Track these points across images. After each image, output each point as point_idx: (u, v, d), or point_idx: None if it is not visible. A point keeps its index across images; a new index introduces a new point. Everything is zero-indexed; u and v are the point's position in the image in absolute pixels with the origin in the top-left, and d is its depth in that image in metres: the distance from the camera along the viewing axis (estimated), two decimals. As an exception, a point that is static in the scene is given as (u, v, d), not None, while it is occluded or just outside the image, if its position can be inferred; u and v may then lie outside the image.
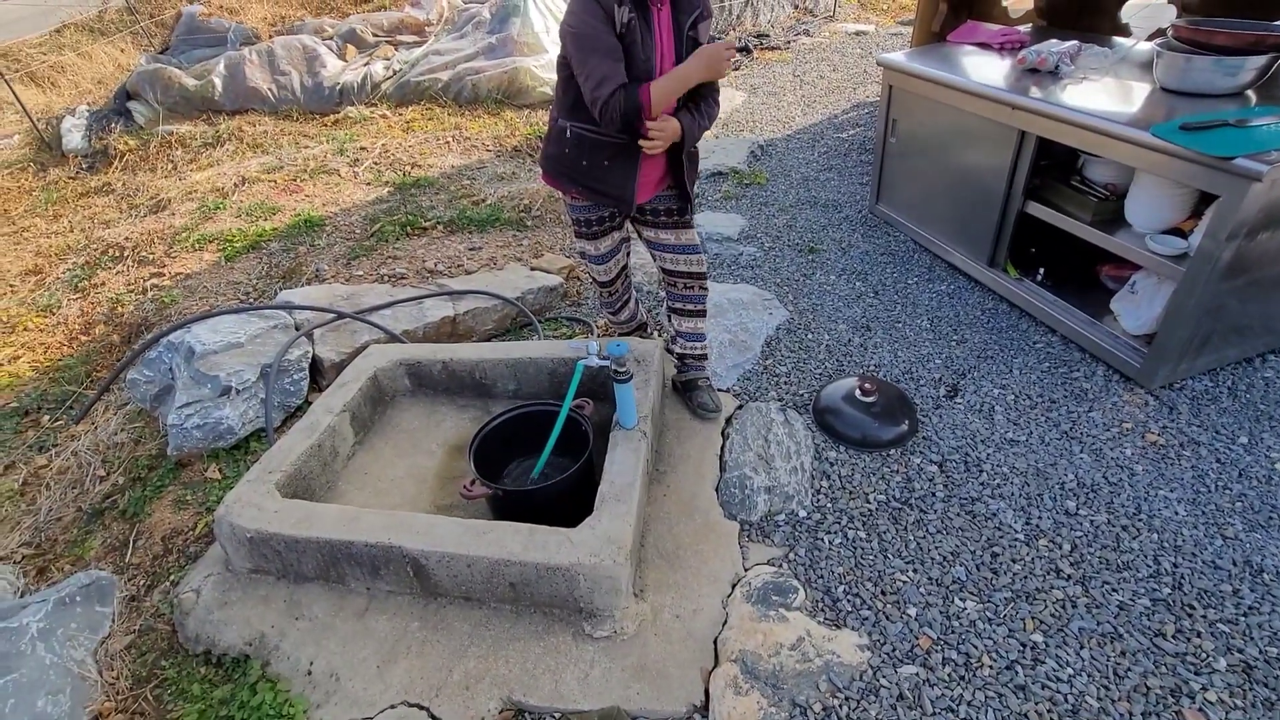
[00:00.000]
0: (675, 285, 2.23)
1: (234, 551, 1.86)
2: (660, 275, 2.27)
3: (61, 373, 3.07)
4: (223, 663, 1.76)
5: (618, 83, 1.68)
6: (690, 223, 2.14)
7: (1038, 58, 2.72)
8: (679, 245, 2.15)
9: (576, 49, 1.69)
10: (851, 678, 1.59)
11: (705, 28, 1.81)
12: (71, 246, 4.14)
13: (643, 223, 2.15)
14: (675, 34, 1.78)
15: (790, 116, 5.32)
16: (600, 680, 1.61)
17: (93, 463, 2.50)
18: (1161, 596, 1.72)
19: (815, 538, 1.95)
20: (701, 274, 2.21)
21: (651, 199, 2.06)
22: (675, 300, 2.26)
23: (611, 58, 1.67)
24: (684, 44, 1.79)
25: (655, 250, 2.20)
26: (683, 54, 1.79)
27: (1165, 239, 2.25)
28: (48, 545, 2.22)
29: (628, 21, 1.66)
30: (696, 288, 2.23)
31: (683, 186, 2.00)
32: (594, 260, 2.22)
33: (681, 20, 1.77)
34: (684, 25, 1.77)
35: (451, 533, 1.73)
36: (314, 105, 5.56)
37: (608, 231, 2.14)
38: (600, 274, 2.27)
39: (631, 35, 1.68)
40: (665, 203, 2.08)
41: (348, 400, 2.26)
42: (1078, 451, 2.16)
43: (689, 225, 2.14)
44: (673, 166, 1.99)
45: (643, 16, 1.70)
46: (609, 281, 2.31)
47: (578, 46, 1.69)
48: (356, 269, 3.44)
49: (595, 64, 1.67)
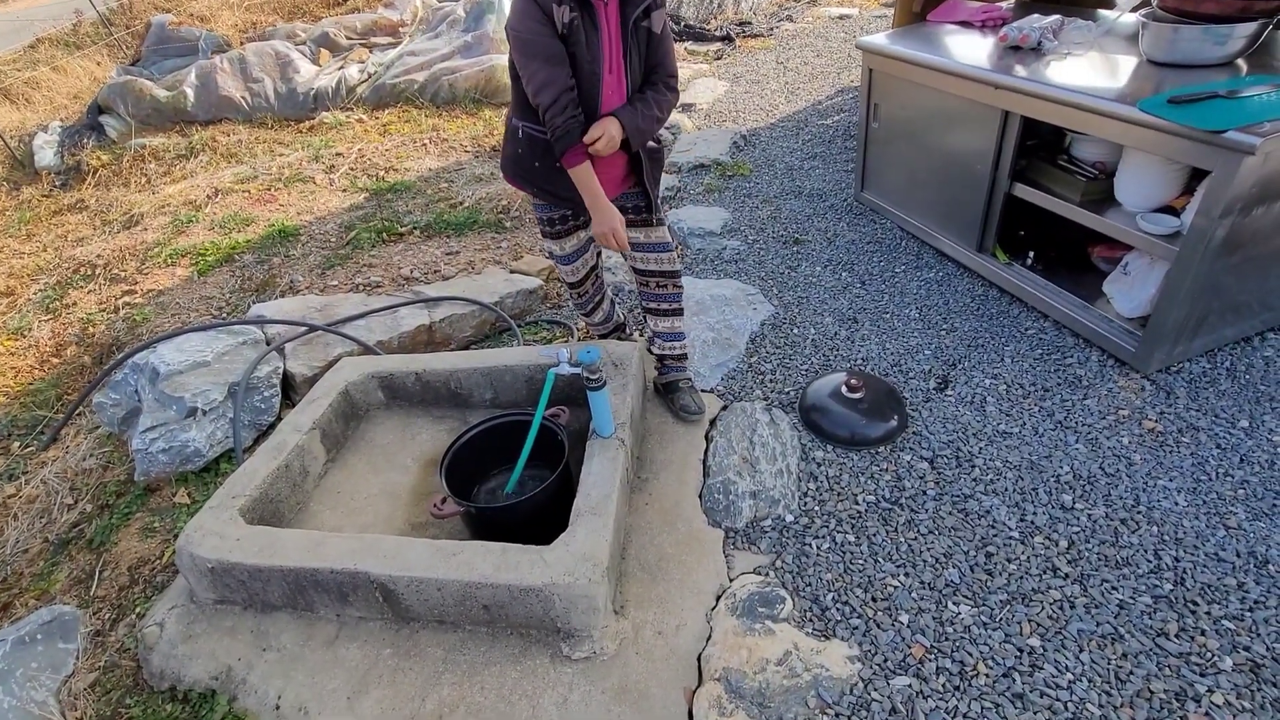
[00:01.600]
0: (647, 284, 2.15)
1: (196, 582, 1.78)
2: (632, 275, 2.19)
3: (31, 397, 2.99)
4: (189, 698, 1.69)
5: (559, 88, 1.63)
6: (658, 220, 2.05)
7: (1020, 34, 2.63)
8: (647, 244, 2.07)
9: (519, 52, 1.64)
10: (841, 692, 1.52)
11: (659, 17, 1.70)
12: (43, 266, 4.06)
13: None
14: (622, 28, 1.68)
15: (774, 105, 5.22)
16: (580, 704, 1.54)
17: (61, 490, 2.43)
18: (1163, 593, 1.64)
19: (803, 543, 1.88)
20: (674, 272, 2.13)
21: (617, 197, 1.97)
22: (649, 300, 2.19)
23: (552, 63, 1.61)
24: (632, 38, 1.69)
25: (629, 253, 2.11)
26: (631, 50, 1.69)
27: (1157, 218, 2.17)
28: (13, 579, 2.15)
29: (569, 22, 1.59)
30: (670, 286, 2.15)
31: (644, 185, 1.92)
32: (560, 260, 2.15)
33: (628, 13, 1.66)
34: (630, 18, 1.67)
35: (421, 556, 1.65)
36: (288, 112, 5.46)
37: (572, 231, 2.06)
38: (568, 274, 2.19)
39: (575, 36, 1.61)
40: (630, 200, 2.00)
41: (317, 417, 2.18)
42: (1073, 442, 2.08)
43: (657, 223, 2.05)
44: (632, 164, 1.91)
45: (587, 15, 1.62)
46: (577, 282, 2.24)
47: (520, 50, 1.63)
48: (331, 279, 3.36)
49: (536, 68, 1.61)
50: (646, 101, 1.77)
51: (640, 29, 1.69)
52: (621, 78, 1.73)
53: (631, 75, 1.75)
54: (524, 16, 1.58)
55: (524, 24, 1.59)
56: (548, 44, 1.59)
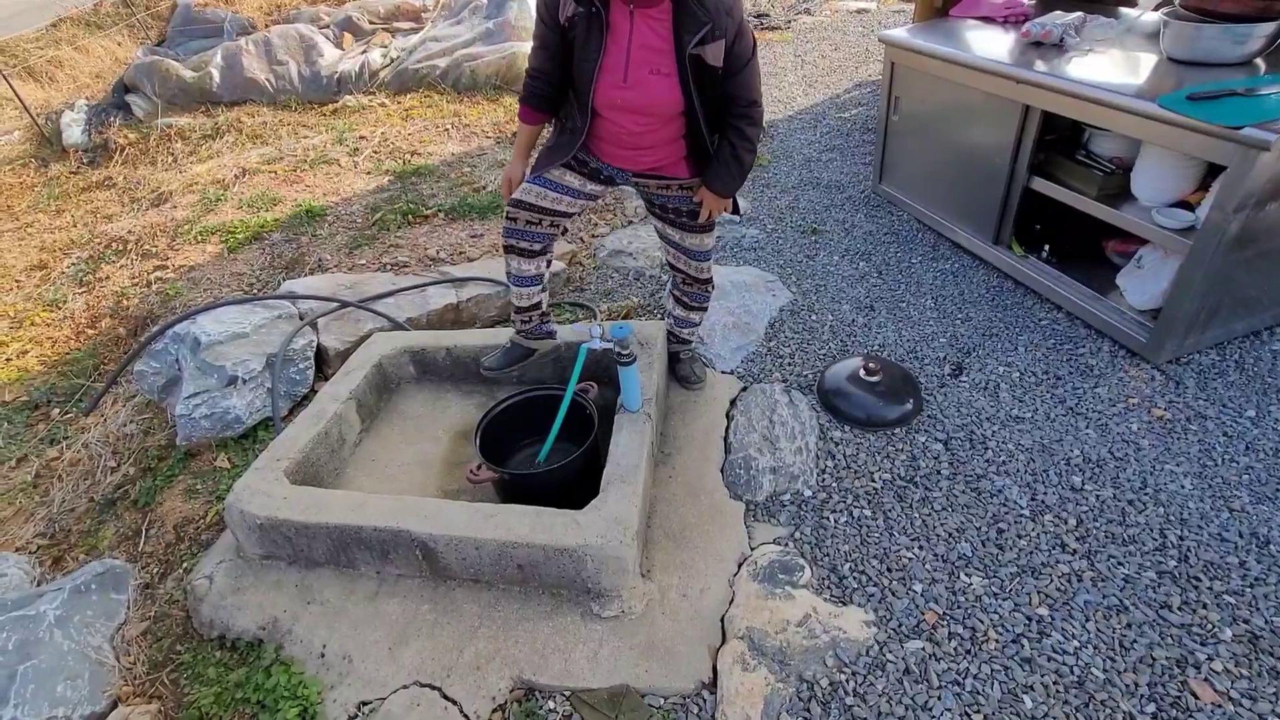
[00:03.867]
0: (676, 278, 2.21)
1: (245, 538, 1.88)
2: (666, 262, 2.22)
3: (69, 366, 3.09)
4: (237, 647, 1.78)
5: (536, 64, 1.74)
6: (701, 228, 1.99)
7: (1042, 30, 2.68)
8: (682, 246, 2.06)
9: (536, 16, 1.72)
10: (858, 653, 1.61)
11: (716, 50, 1.55)
12: (75, 241, 4.16)
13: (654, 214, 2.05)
14: (676, 52, 1.57)
15: (791, 97, 5.27)
16: (609, 659, 1.62)
17: (103, 454, 2.52)
18: (1167, 569, 1.72)
19: (821, 517, 1.96)
20: (703, 280, 2.15)
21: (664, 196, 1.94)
22: (676, 288, 2.24)
23: (541, 43, 1.71)
24: (686, 64, 1.56)
25: (663, 240, 2.12)
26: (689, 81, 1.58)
27: (1172, 212, 2.23)
28: (61, 535, 2.25)
29: (571, 16, 1.58)
30: (695, 288, 2.18)
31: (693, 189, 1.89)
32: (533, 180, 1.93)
33: (684, 39, 1.54)
34: (686, 45, 1.54)
35: (459, 516, 1.74)
36: (312, 95, 5.53)
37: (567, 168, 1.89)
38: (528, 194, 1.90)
39: (574, 31, 1.60)
40: (676, 202, 1.95)
41: (354, 388, 2.27)
42: (1083, 427, 2.15)
43: (699, 230, 1.99)
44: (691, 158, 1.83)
45: (595, 17, 1.55)
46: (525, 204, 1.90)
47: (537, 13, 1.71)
48: (359, 258, 3.44)
49: (534, 47, 1.75)
50: (725, 160, 1.73)
51: (691, 58, 1.56)
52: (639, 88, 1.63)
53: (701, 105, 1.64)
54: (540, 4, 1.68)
55: (539, 3, 1.68)
56: (542, 31, 1.69)
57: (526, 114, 1.86)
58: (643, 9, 1.56)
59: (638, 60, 1.60)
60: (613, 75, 1.63)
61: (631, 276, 3.20)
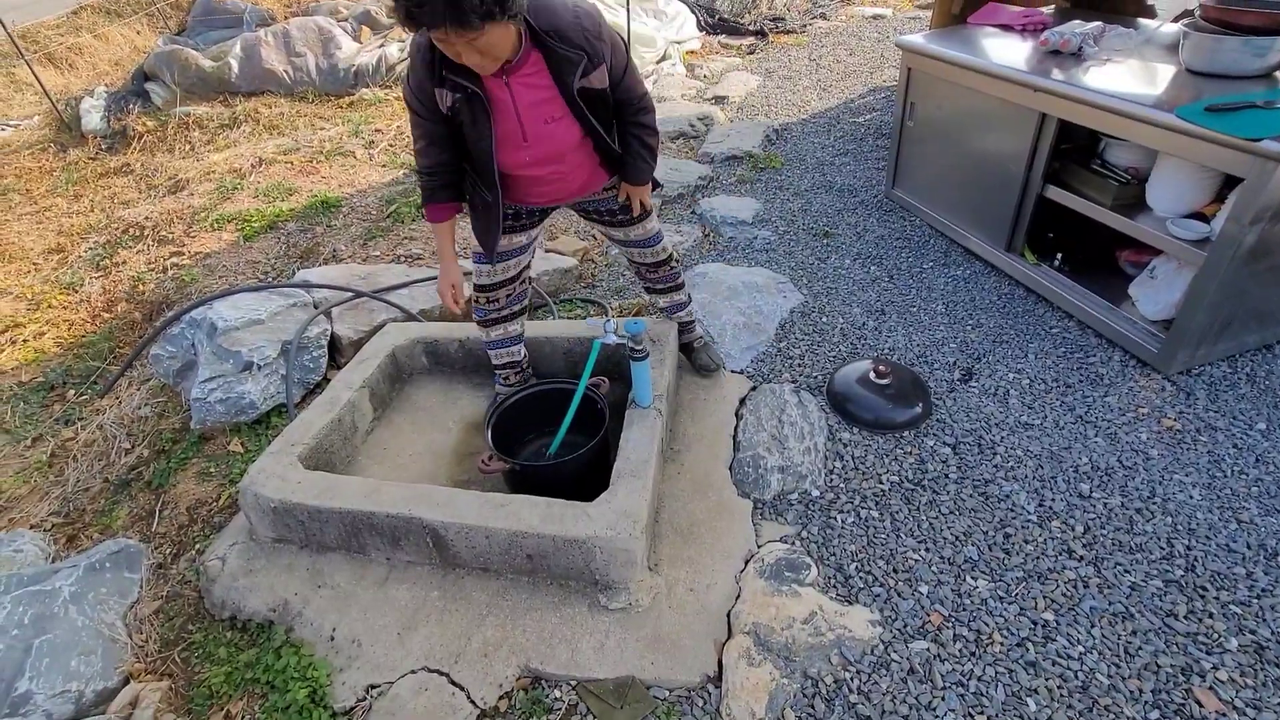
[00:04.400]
0: (641, 271, 2.23)
1: (258, 521, 1.90)
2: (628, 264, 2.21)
3: (85, 349, 3.12)
4: (248, 628, 1.81)
5: (430, 160, 1.66)
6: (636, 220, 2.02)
7: (1060, 39, 2.69)
8: (629, 241, 2.09)
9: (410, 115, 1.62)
10: (863, 651, 1.62)
11: (600, 75, 1.57)
12: (93, 226, 4.20)
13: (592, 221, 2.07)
14: (563, 94, 1.56)
15: (806, 101, 5.28)
16: (616, 650, 1.64)
17: (118, 436, 2.55)
18: (1174, 578, 1.72)
19: (828, 516, 1.97)
20: (664, 261, 2.17)
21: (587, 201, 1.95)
22: (646, 282, 2.27)
23: (428, 138, 1.63)
24: (577, 101, 1.57)
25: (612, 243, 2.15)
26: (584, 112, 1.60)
27: (1187, 223, 2.23)
28: (76, 515, 2.28)
29: (452, 104, 1.53)
30: (663, 271, 2.20)
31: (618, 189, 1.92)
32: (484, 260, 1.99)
33: (567, 80, 1.53)
34: (571, 84, 1.54)
35: (471, 505, 1.76)
36: (329, 87, 5.57)
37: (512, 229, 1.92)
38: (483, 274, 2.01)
39: (460, 117, 1.56)
40: (604, 205, 1.97)
41: (367, 376, 2.29)
42: (1092, 435, 2.16)
43: (635, 222, 2.03)
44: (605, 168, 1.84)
45: (476, 96, 1.51)
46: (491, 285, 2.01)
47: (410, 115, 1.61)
48: (373, 249, 3.47)
49: (417, 136, 1.64)
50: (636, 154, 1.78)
51: (579, 91, 1.56)
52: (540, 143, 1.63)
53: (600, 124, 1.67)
54: (413, 89, 1.55)
55: (412, 97, 1.57)
56: (425, 125, 1.60)
57: (437, 212, 1.73)
58: (515, 74, 1.52)
59: (530, 118, 1.59)
60: (511, 141, 1.61)
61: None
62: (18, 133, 6.02)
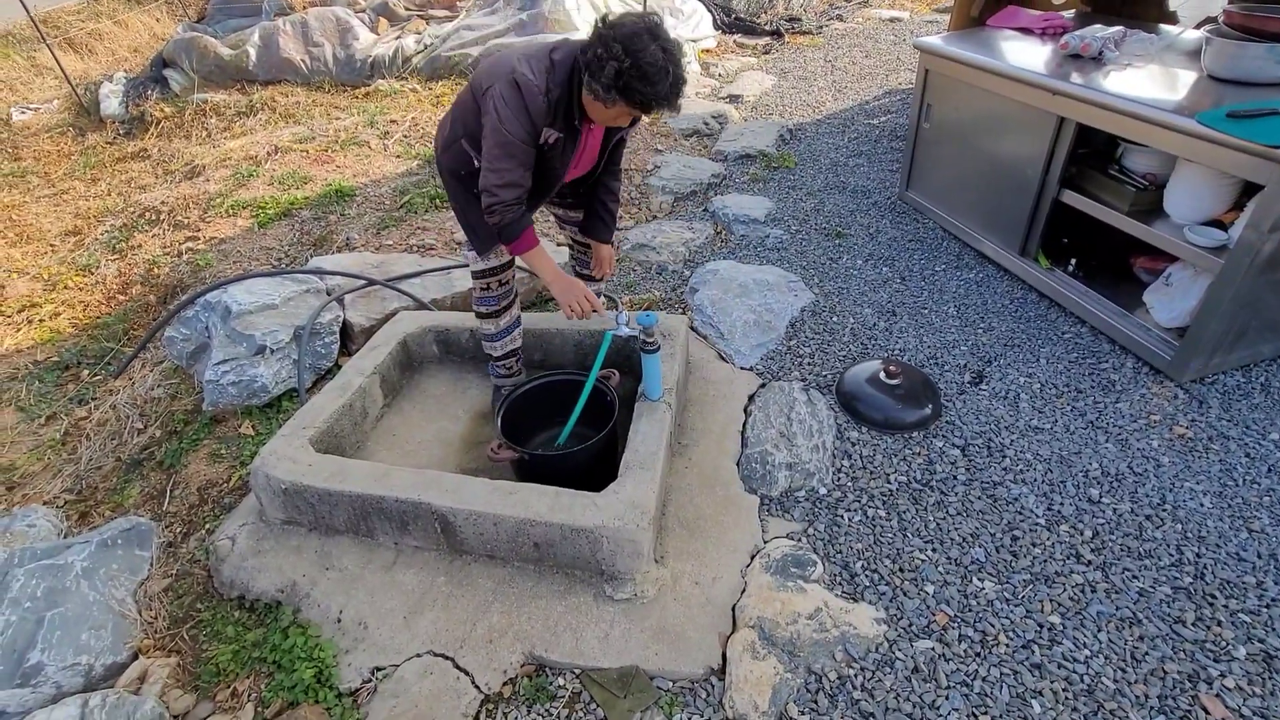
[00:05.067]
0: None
1: (269, 502, 1.92)
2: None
3: (100, 330, 3.15)
4: (255, 608, 1.82)
5: (522, 190, 1.75)
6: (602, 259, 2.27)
7: (1081, 43, 2.67)
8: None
9: (496, 144, 1.69)
10: (867, 649, 1.61)
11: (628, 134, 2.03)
12: (109, 209, 4.24)
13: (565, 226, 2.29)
14: (604, 140, 1.94)
15: (821, 101, 5.27)
16: (620, 640, 1.64)
17: (131, 416, 2.58)
18: (1183, 585, 1.71)
19: (835, 514, 1.97)
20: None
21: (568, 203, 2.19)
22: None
23: (525, 167, 1.74)
24: (608, 147, 1.99)
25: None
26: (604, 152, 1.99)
27: (1205, 230, 2.21)
28: (88, 492, 2.30)
29: (553, 141, 1.74)
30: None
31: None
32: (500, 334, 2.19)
33: (610, 135, 1.94)
34: (613, 137, 1.95)
35: (479, 492, 1.77)
36: (345, 77, 5.59)
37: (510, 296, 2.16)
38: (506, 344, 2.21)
39: (553, 150, 1.77)
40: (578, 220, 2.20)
41: (378, 363, 2.31)
42: (1103, 441, 2.15)
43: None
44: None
45: (570, 136, 1.77)
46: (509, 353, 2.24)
47: (498, 143, 1.69)
48: (386, 239, 3.49)
49: (509, 167, 1.71)
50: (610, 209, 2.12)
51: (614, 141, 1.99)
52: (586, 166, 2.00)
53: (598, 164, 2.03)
54: (515, 123, 1.66)
55: (515, 130, 1.67)
56: (526, 153, 1.71)
57: (530, 236, 1.82)
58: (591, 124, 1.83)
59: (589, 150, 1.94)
60: (574, 164, 1.92)
61: (654, 270, 3.22)
62: (37, 116, 6.08)
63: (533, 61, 1.65)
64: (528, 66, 1.64)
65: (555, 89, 1.65)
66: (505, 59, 1.69)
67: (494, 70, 1.69)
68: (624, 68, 1.53)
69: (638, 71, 1.53)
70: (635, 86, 1.55)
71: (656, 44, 1.55)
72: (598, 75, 1.56)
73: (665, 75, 1.55)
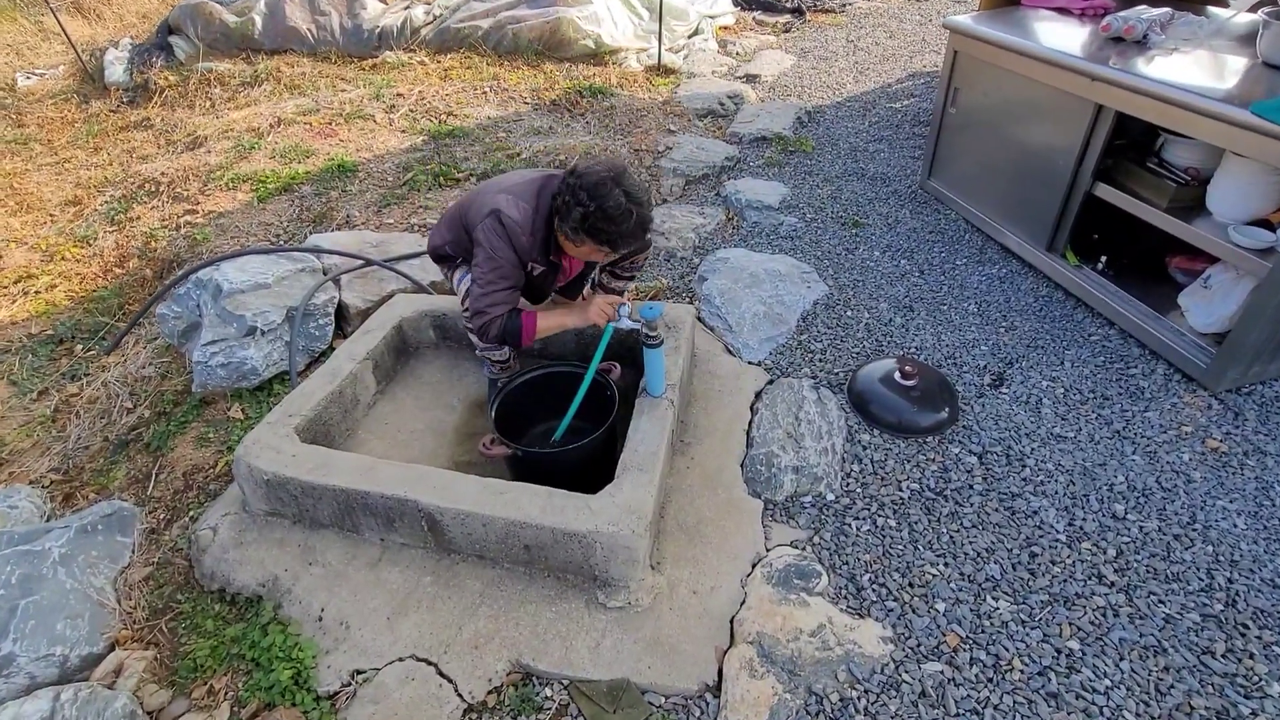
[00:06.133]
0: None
1: (251, 492, 1.84)
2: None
3: (95, 304, 3.09)
4: (236, 601, 1.76)
5: (509, 307, 1.82)
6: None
7: (1124, 25, 2.50)
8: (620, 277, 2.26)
9: (488, 267, 1.79)
10: (872, 670, 1.53)
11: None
12: (110, 179, 4.16)
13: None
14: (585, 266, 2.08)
15: (841, 83, 5.07)
16: (611, 650, 1.57)
17: (121, 394, 2.52)
18: (1213, 613, 1.61)
19: (842, 522, 1.87)
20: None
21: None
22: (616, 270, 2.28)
23: (517, 288, 1.86)
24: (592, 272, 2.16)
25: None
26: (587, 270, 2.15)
27: (1251, 231, 2.07)
28: (74, 472, 2.25)
29: (538, 271, 1.91)
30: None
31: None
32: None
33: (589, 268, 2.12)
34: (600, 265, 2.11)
35: (469, 490, 1.68)
36: (352, 48, 5.45)
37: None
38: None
39: (537, 279, 1.94)
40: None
41: (371, 348, 2.22)
42: (1130, 453, 2.03)
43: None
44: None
45: (553, 270, 1.94)
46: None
47: (491, 267, 1.79)
48: (387, 217, 3.39)
49: (499, 288, 1.79)
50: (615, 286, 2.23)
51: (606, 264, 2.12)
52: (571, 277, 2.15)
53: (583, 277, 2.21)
54: (505, 251, 1.78)
55: (507, 256, 1.79)
56: (517, 275, 1.84)
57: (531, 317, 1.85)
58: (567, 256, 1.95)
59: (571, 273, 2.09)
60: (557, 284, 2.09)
61: (662, 256, 3.11)
62: (42, 82, 5.98)
63: (520, 202, 1.80)
64: (515, 208, 1.79)
65: (540, 230, 1.82)
66: (493, 197, 1.81)
67: (483, 207, 1.81)
68: (589, 212, 1.67)
69: (602, 214, 1.67)
70: (600, 228, 1.69)
71: (620, 189, 1.68)
72: (566, 219, 1.72)
73: (629, 216, 1.68)
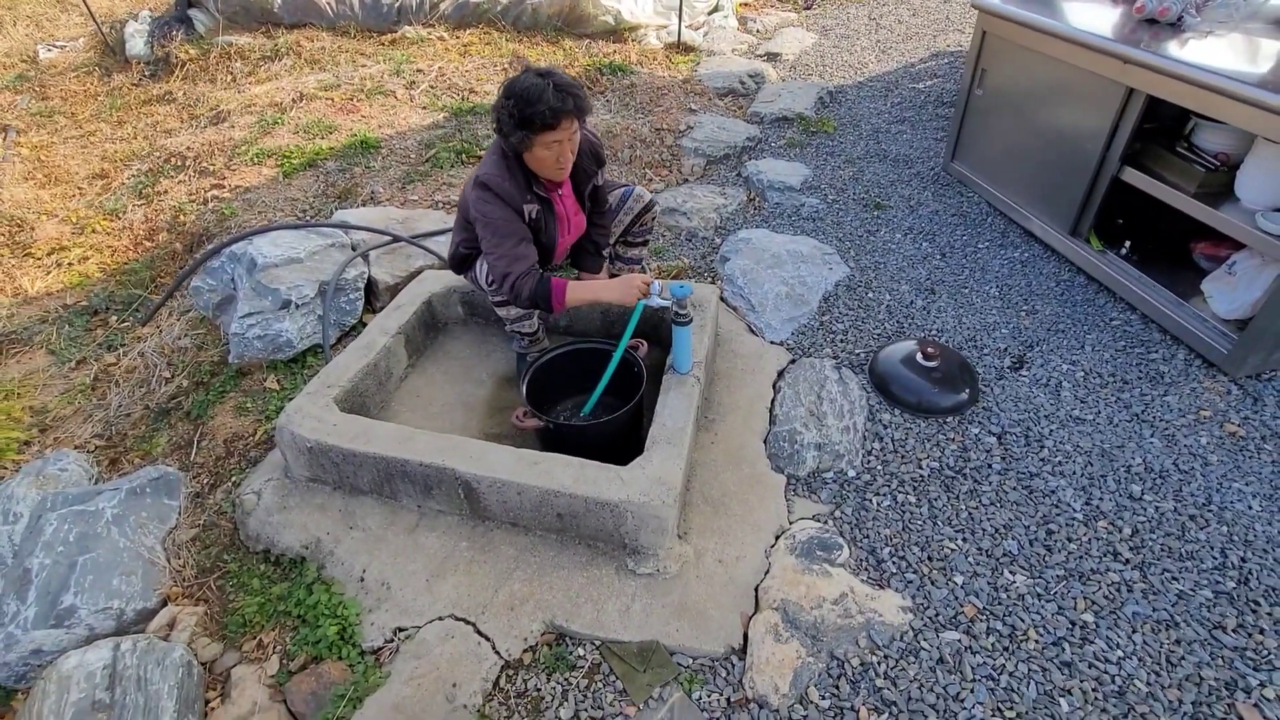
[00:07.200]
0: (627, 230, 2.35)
1: (294, 459, 1.91)
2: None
3: (127, 276, 3.16)
4: (280, 562, 1.84)
5: (530, 262, 1.85)
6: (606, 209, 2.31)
7: (1159, 6, 2.47)
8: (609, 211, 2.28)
9: (491, 234, 1.84)
10: (892, 637, 1.59)
11: (602, 174, 2.11)
12: (135, 153, 4.20)
13: None
14: (578, 199, 2.07)
15: (863, 63, 5.02)
16: (641, 614, 1.64)
17: (158, 364, 2.59)
18: (1225, 590, 1.65)
19: (863, 498, 1.93)
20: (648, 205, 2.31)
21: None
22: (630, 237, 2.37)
23: (526, 241, 1.88)
24: (585, 202, 2.12)
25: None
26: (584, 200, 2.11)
27: (1279, 217, 2.07)
28: (118, 439, 2.33)
29: (535, 216, 1.91)
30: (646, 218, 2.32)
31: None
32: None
33: (582, 187, 2.06)
34: (584, 190, 2.07)
35: (504, 460, 1.75)
36: (372, 23, 5.43)
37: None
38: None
39: (538, 223, 1.93)
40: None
41: (403, 323, 2.28)
42: (1148, 435, 2.06)
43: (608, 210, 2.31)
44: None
45: (547, 208, 1.95)
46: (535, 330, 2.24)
47: (492, 232, 1.83)
48: (411, 193, 3.42)
49: (509, 247, 1.83)
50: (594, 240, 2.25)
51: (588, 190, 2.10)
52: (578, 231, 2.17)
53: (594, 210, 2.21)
54: (496, 206, 1.82)
55: (498, 213, 1.82)
56: (519, 227, 1.86)
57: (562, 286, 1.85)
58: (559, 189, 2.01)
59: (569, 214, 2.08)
60: (563, 233, 2.08)
61: (684, 237, 3.13)
62: (63, 54, 6.01)
63: (489, 163, 1.86)
64: (487, 165, 1.86)
65: (516, 169, 1.86)
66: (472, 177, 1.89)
67: (469, 188, 1.89)
68: (509, 104, 1.72)
69: (523, 100, 1.70)
70: (524, 113, 1.70)
71: (529, 73, 1.72)
72: (503, 129, 1.77)
73: (545, 87, 1.69)
